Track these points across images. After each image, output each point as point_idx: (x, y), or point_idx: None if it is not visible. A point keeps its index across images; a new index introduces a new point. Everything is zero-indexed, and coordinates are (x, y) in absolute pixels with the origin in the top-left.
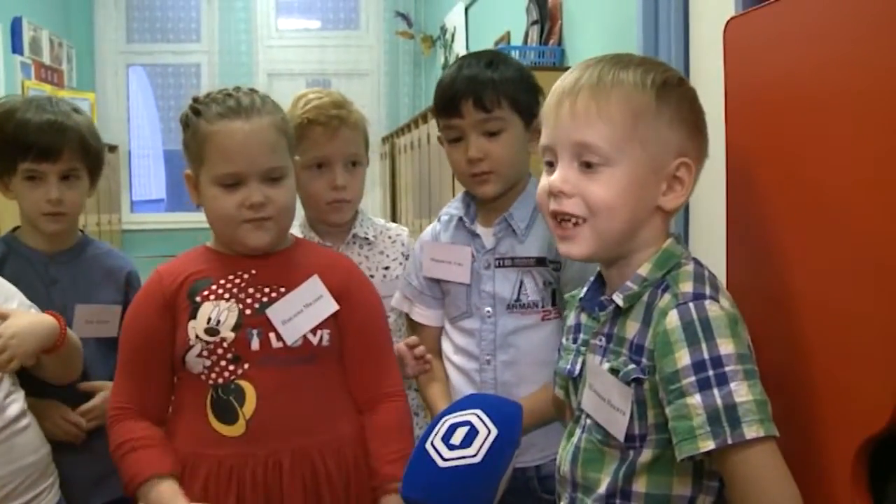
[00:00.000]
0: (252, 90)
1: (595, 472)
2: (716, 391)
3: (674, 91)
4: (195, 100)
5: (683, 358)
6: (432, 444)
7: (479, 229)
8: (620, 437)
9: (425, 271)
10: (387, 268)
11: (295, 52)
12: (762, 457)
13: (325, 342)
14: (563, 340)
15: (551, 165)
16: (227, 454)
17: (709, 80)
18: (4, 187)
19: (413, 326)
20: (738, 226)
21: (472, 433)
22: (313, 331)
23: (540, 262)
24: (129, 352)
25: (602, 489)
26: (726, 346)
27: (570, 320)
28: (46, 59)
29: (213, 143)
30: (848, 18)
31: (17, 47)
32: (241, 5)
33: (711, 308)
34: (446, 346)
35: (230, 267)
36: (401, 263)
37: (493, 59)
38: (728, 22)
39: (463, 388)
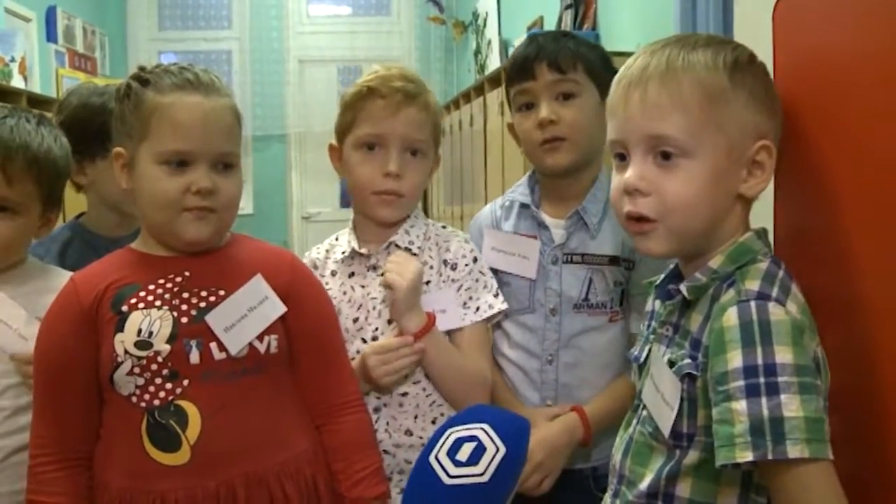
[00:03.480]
0: (206, 69)
1: (641, 466)
2: (763, 400)
3: (747, 69)
4: (141, 69)
5: (735, 359)
6: (437, 458)
7: (548, 220)
8: (666, 431)
9: (485, 260)
10: (427, 282)
11: (326, 39)
12: (811, 478)
13: (272, 349)
14: (641, 326)
15: (623, 159)
16: (171, 488)
17: None
18: (81, 172)
19: None
20: (789, 219)
21: (480, 450)
22: (259, 337)
23: (613, 260)
24: (45, 379)
25: (644, 485)
26: (784, 355)
27: (648, 306)
28: (80, 48)
29: (165, 115)
30: None
31: (51, 36)
32: None
33: (774, 311)
34: (500, 341)
35: (159, 270)
36: (440, 273)
37: (567, 32)
38: (777, 3)
39: (521, 386)
